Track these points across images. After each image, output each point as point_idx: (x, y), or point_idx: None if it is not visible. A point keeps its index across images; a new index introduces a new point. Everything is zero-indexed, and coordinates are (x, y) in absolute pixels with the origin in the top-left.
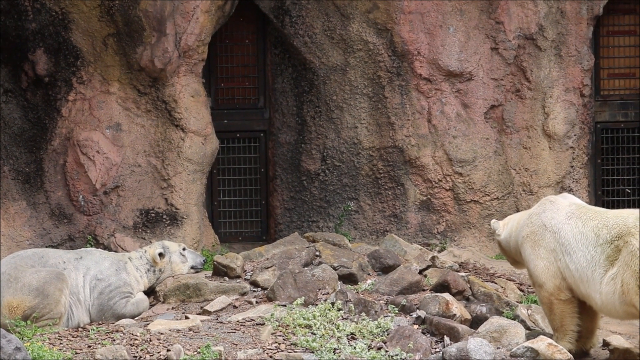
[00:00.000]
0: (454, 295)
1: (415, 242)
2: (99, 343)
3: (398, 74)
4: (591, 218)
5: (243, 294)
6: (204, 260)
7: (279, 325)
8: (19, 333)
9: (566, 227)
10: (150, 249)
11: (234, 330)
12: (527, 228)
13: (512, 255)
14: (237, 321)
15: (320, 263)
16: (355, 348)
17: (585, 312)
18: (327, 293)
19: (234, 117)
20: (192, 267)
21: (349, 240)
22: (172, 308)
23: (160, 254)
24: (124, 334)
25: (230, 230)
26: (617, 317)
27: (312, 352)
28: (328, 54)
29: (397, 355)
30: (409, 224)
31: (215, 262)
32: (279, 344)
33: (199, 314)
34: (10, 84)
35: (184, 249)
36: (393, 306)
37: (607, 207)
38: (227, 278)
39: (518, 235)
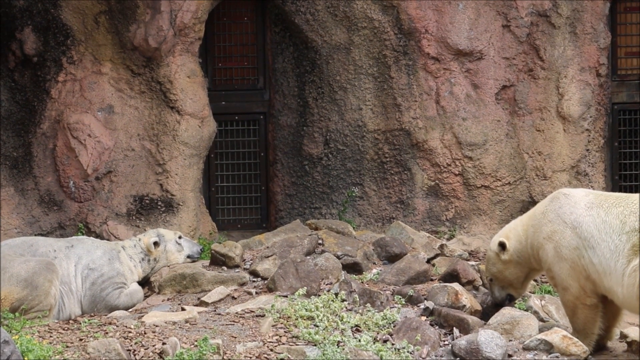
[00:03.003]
0: (463, 285)
1: (423, 229)
2: (91, 336)
3: (405, 52)
4: (614, 205)
5: (242, 285)
6: (201, 249)
7: (279, 317)
8: (7, 326)
9: (587, 219)
10: (145, 238)
11: (232, 323)
12: (545, 227)
13: (527, 266)
14: (236, 313)
15: (323, 252)
16: (360, 341)
17: (608, 309)
18: (331, 283)
19: (232, 98)
20: (188, 256)
21: (353, 228)
22: (168, 299)
23: (155, 243)
24: (117, 326)
25: (229, 217)
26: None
27: (315, 345)
28: (331, 32)
29: (404, 348)
30: (416, 211)
31: (212, 251)
32: (280, 336)
33: (196, 305)
34: None
35: (180, 237)
36: (399, 297)
37: (624, 192)
38: (225, 268)
39: (535, 239)
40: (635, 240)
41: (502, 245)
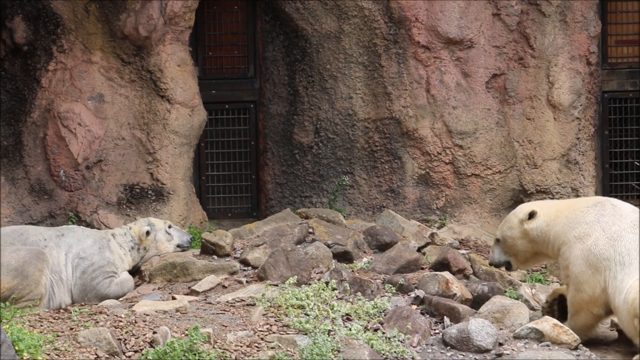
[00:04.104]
0: (454, 273)
1: (414, 218)
2: (82, 325)
3: (395, 41)
4: None
5: (233, 273)
6: (191, 238)
7: (270, 306)
8: None
9: (630, 235)
10: (136, 226)
11: (223, 311)
12: (580, 228)
13: (539, 248)
14: (227, 302)
15: (313, 240)
16: (350, 329)
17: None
18: (321, 272)
19: (222, 87)
20: (178, 246)
21: (344, 217)
22: (159, 288)
23: (147, 232)
24: (107, 315)
25: (219, 206)
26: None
27: (306, 334)
28: (321, 20)
29: (394, 336)
30: (407, 199)
31: (203, 240)
32: (271, 325)
33: (187, 294)
34: None
35: (169, 227)
36: (390, 285)
37: (615, 180)
38: (215, 256)
39: (563, 232)
40: None
41: (532, 215)
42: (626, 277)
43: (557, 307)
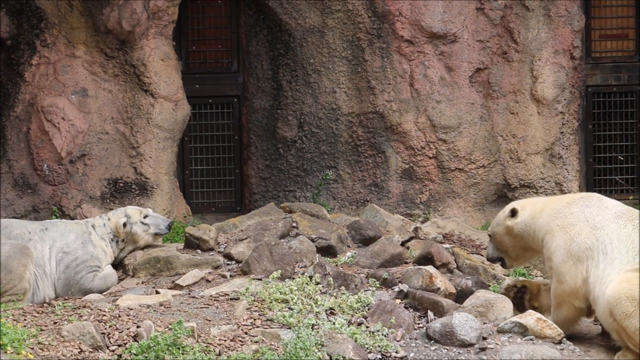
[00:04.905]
0: (437, 268)
1: (397, 212)
2: (65, 319)
3: (378, 35)
4: None
5: (216, 268)
6: (169, 223)
7: (254, 300)
8: None
9: (613, 225)
10: (113, 218)
11: (207, 306)
12: (563, 218)
13: (526, 242)
14: (210, 296)
15: (297, 235)
16: (334, 324)
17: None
18: (305, 266)
19: (206, 81)
20: (156, 234)
21: (328, 211)
22: (142, 282)
23: (124, 224)
24: (91, 309)
25: (203, 200)
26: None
27: (289, 328)
28: (305, 14)
29: (378, 331)
30: (391, 194)
31: (187, 234)
32: (255, 319)
33: (170, 288)
34: None
35: (145, 217)
36: (374, 280)
37: (599, 175)
38: (199, 251)
39: (547, 222)
40: None
41: (513, 212)
42: (608, 267)
43: (514, 296)
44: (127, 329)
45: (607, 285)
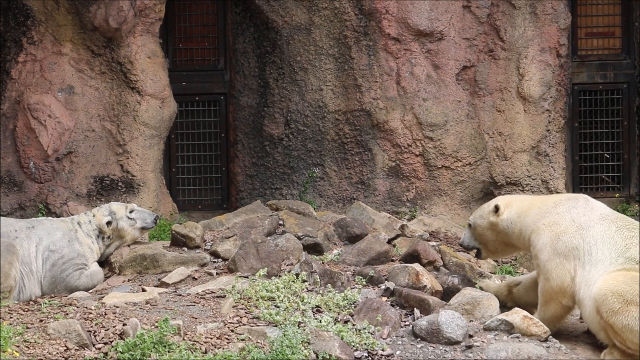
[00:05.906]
0: (424, 265)
1: (384, 210)
2: (51, 317)
3: (365, 33)
4: (627, 228)
5: (203, 265)
6: (155, 218)
7: (240, 298)
8: None
9: (598, 226)
10: (98, 215)
11: (193, 303)
12: (550, 217)
13: (509, 239)
14: (197, 294)
15: (284, 232)
16: (320, 321)
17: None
18: (291, 264)
19: (192, 79)
20: (143, 228)
21: (314, 209)
22: (128, 280)
23: (109, 223)
24: (77, 307)
25: (190, 198)
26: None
27: (276, 326)
28: (291, 12)
29: (364, 328)
30: (377, 191)
31: (173, 232)
32: (241, 317)
33: (157, 286)
34: None
35: (131, 212)
36: (360, 277)
37: (585, 172)
38: (185, 248)
39: (533, 221)
40: (627, 268)
41: (496, 209)
42: (592, 269)
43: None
44: (113, 326)
45: (592, 285)
